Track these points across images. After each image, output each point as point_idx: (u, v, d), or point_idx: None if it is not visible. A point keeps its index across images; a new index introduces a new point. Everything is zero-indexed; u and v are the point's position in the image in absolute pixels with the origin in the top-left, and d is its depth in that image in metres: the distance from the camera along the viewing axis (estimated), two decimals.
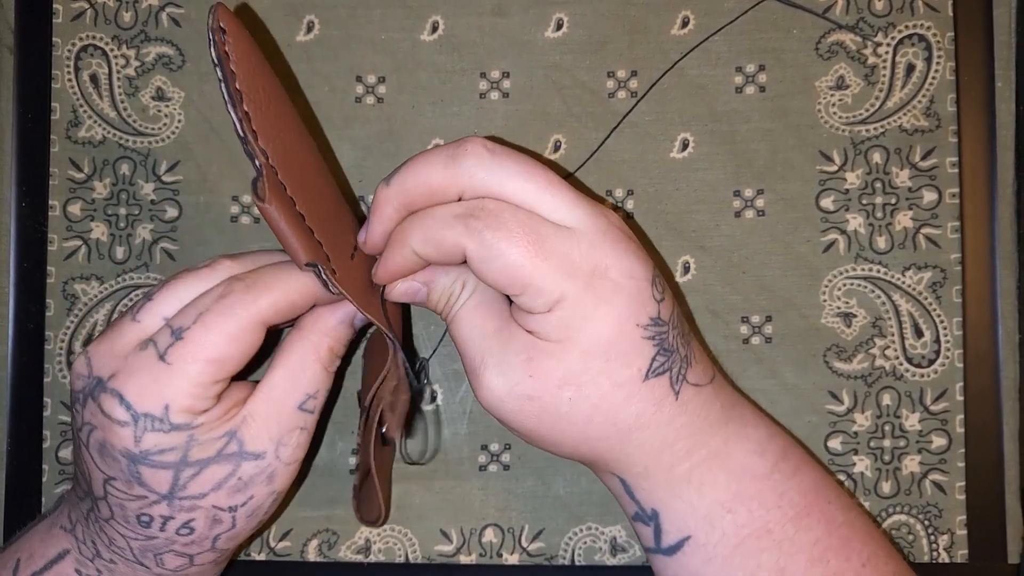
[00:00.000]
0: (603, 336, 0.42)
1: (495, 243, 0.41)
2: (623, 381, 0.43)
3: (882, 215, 0.56)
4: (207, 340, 0.42)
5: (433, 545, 0.56)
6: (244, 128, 0.40)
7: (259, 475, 0.44)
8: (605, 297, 0.42)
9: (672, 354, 0.44)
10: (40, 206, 0.57)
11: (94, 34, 0.58)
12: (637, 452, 0.45)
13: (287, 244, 0.42)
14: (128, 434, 0.42)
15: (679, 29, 0.56)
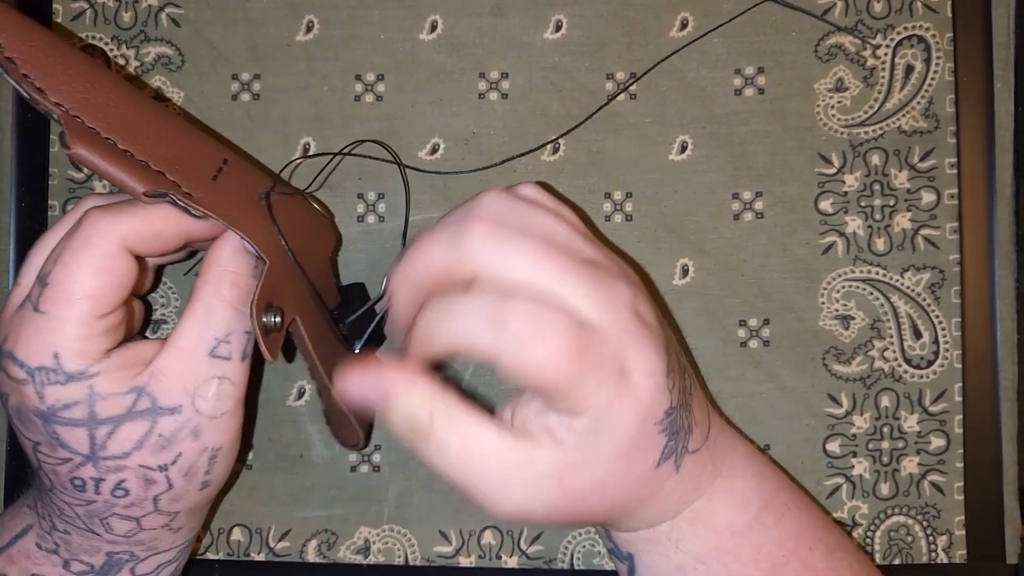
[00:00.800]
0: (626, 440, 0.41)
1: (532, 354, 0.39)
2: (639, 474, 0.43)
3: (881, 217, 0.56)
4: (71, 279, 0.41)
5: (432, 546, 0.56)
6: (27, 89, 0.41)
7: (180, 430, 0.43)
8: (630, 403, 0.41)
9: (678, 434, 0.43)
10: (40, 206, 0.57)
11: (94, 34, 0.58)
12: (630, 519, 0.46)
13: (115, 180, 0.41)
14: (31, 392, 0.41)
15: (678, 31, 0.56)
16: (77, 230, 0.42)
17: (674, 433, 0.43)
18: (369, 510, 0.56)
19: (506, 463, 0.41)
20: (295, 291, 0.47)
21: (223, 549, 0.56)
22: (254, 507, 0.56)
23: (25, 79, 0.41)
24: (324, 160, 0.56)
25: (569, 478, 0.41)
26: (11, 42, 0.41)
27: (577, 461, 0.41)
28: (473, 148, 0.56)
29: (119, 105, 0.44)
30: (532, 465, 0.41)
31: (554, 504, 0.42)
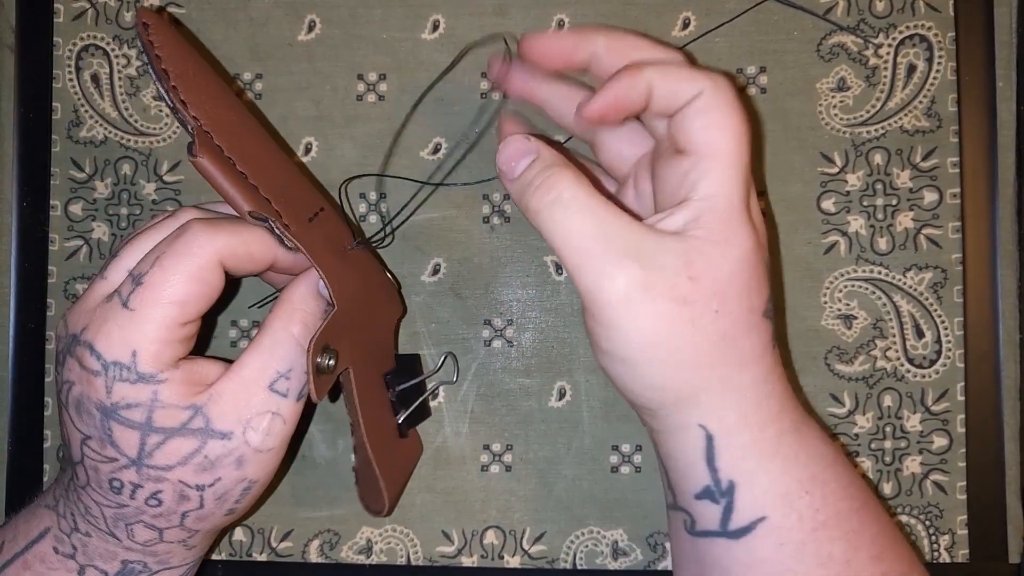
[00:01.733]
0: (750, 251, 0.43)
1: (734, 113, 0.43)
2: (753, 308, 0.43)
3: (883, 216, 0.56)
4: (166, 282, 0.42)
5: (435, 546, 0.56)
6: (172, 98, 0.43)
7: (226, 456, 0.44)
8: (748, 217, 0.43)
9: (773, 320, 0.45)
10: (41, 206, 0.57)
11: (95, 34, 0.58)
12: (739, 393, 0.43)
13: (226, 195, 0.44)
14: (100, 384, 0.42)
15: (680, 30, 0.56)
16: (179, 237, 0.43)
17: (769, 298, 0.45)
18: None
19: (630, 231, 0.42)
20: (355, 343, 0.48)
21: (225, 549, 0.56)
22: (256, 507, 0.56)
23: (174, 90, 0.43)
24: (329, 161, 0.56)
25: (698, 262, 0.42)
26: (168, 56, 0.44)
27: (707, 251, 0.42)
28: (475, 147, 0.56)
29: (246, 134, 0.47)
30: (658, 241, 0.42)
31: (679, 291, 0.42)
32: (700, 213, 0.43)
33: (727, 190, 0.43)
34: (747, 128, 0.43)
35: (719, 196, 0.43)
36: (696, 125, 0.43)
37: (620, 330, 0.42)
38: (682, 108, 0.43)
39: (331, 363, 0.45)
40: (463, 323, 0.56)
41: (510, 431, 0.56)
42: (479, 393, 0.56)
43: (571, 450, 0.56)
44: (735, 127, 0.43)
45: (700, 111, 0.43)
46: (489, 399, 0.56)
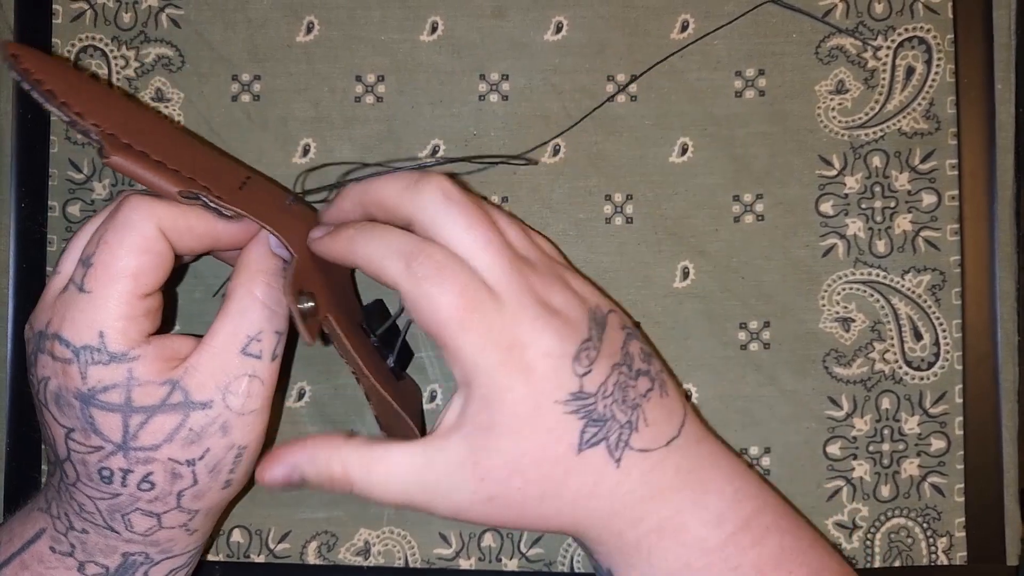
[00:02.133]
0: (522, 414, 0.43)
1: (429, 294, 0.43)
2: (559, 457, 0.44)
3: (881, 219, 0.56)
4: (114, 257, 0.43)
5: (432, 548, 0.56)
6: (67, 113, 0.44)
7: (210, 425, 0.44)
8: (518, 375, 0.43)
9: (606, 423, 0.44)
10: (39, 207, 0.57)
11: (94, 35, 0.57)
12: (588, 520, 0.46)
13: (150, 183, 0.44)
14: (75, 371, 0.42)
15: (679, 33, 0.56)
16: (117, 213, 0.44)
17: (596, 420, 0.44)
18: (369, 512, 0.56)
19: (424, 470, 0.44)
20: (325, 291, 0.48)
21: (223, 551, 0.56)
22: (254, 508, 0.56)
23: (64, 106, 0.44)
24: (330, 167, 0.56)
25: (482, 461, 0.44)
26: (48, 77, 0.44)
27: (482, 441, 0.44)
28: (473, 149, 0.56)
29: (150, 127, 0.48)
30: (446, 460, 0.44)
31: (481, 493, 0.44)
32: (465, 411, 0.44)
33: (470, 372, 0.43)
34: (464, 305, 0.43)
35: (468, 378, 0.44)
36: (414, 318, 0.44)
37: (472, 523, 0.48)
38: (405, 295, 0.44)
39: (311, 304, 0.45)
40: None
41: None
42: None
43: None
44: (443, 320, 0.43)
45: (409, 307, 0.44)
46: None
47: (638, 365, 0.46)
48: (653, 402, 0.46)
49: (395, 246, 0.44)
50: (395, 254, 0.44)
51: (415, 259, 0.43)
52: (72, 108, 0.44)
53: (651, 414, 0.46)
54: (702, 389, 0.56)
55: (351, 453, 0.45)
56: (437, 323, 0.43)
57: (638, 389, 0.46)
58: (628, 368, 0.46)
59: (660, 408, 0.46)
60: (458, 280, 0.43)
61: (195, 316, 0.57)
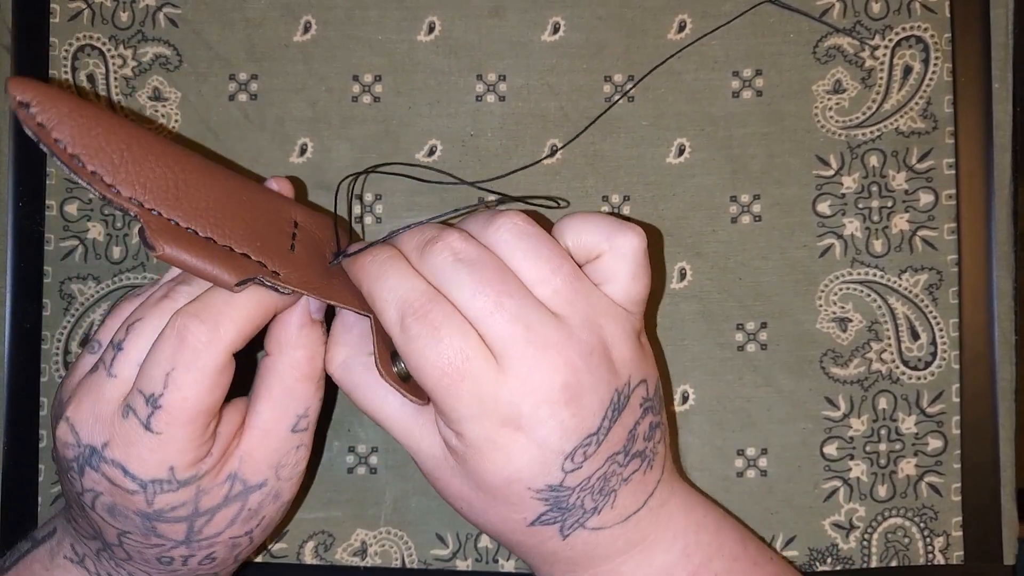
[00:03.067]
0: (492, 484, 0.43)
1: (417, 354, 0.41)
2: (507, 520, 0.44)
3: (879, 218, 0.56)
4: (184, 400, 0.41)
5: (430, 549, 0.56)
6: (98, 188, 0.38)
7: (266, 499, 0.45)
8: (502, 454, 0.42)
9: (571, 510, 0.44)
10: (37, 206, 0.57)
11: (91, 34, 0.57)
12: (519, 552, 0.47)
13: (208, 276, 0.40)
14: (140, 499, 0.42)
15: (676, 33, 0.56)
16: (184, 346, 0.41)
17: (561, 508, 0.43)
18: (366, 512, 0.56)
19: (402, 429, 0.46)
20: None
21: None
22: None
23: (95, 176, 0.38)
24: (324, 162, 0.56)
25: (441, 470, 0.45)
26: (70, 133, 0.38)
27: (449, 462, 0.44)
28: (471, 150, 0.56)
29: (192, 185, 0.42)
30: (419, 441, 0.45)
31: (430, 467, 0.45)
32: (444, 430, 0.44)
33: (457, 428, 0.42)
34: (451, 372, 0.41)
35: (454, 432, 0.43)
36: (415, 373, 0.43)
37: None
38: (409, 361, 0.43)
39: (403, 365, 0.44)
40: None
41: None
42: None
43: None
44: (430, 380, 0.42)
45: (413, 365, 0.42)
46: None
47: (637, 447, 0.45)
48: (632, 483, 0.45)
49: (397, 294, 0.42)
50: (395, 303, 0.42)
51: (411, 315, 0.42)
52: (103, 179, 0.38)
53: (622, 497, 0.45)
54: (699, 390, 0.56)
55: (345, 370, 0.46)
56: (428, 384, 0.42)
57: (623, 473, 0.44)
58: (624, 454, 0.44)
59: (635, 488, 0.45)
60: (451, 345, 0.41)
61: None
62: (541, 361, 0.41)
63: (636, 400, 0.44)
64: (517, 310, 0.42)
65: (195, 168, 0.43)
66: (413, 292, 0.42)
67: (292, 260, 0.44)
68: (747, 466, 0.55)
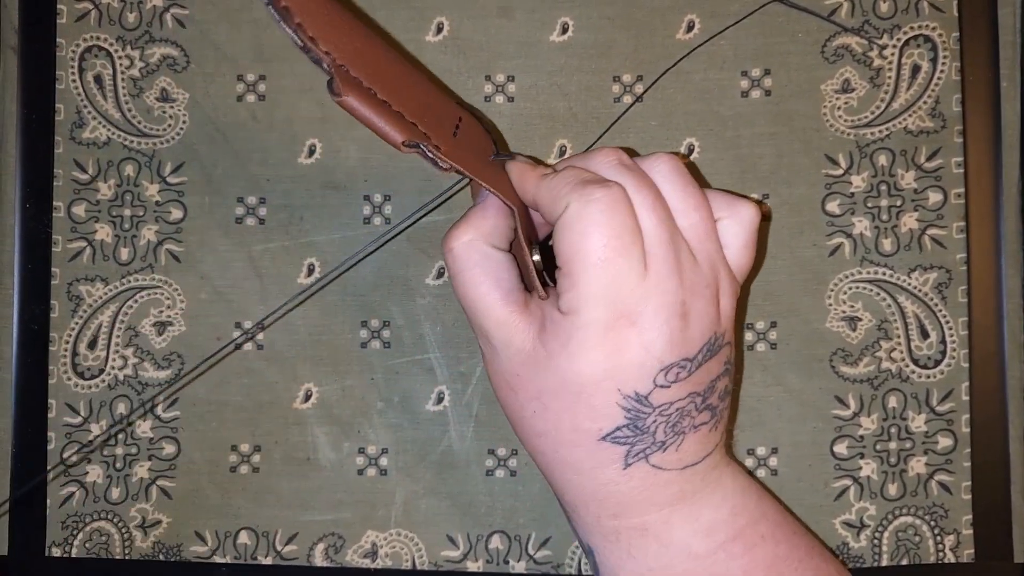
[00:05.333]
0: (584, 375, 0.42)
1: (590, 217, 0.41)
2: (579, 429, 0.43)
3: (888, 217, 0.56)
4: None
5: (440, 551, 0.56)
6: (301, 37, 0.42)
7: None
8: (610, 344, 0.42)
9: (643, 435, 0.43)
10: (44, 207, 0.57)
11: (98, 35, 0.57)
12: (568, 486, 0.46)
13: (377, 128, 0.43)
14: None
15: (684, 33, 0.56)
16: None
17: (636, 427, 0.43)
18: (376, 514, 0.56)
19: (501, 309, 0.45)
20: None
21: (230, 553, 0.56)
22: (261, 510, 0.56)
23: (300, 27, 0.42)
24: (333, 163, 0.56)
25: (528, 364, 0.44)
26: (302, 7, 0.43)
27: (539, 358, 0.44)
28: None
29: (378, 56, 0.46)
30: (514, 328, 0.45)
31: (507, 378, 0.45)
32: (552, 319, 0.43)
33: (576, 311, 0.42)
34: (619, 244, 0.41)
35: (569, 315, 0.42)
36: (559, 239, 0.43)
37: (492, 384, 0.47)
38: (556, 221, 0.43)
39: (538, 258, 0.46)
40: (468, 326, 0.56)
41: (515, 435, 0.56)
42: (484, 397, 0.56)
43: None
44: (591, 246, 0.41)
45: (563, 226, 0.42)
46: (494, 402, 0.56)
47: (712, 400, 0.45)
48: (699, 434, 0.45)
49: (581, 175, 0.43)
50: (577, 178, 0.43)
51: (594, 184, 0.42)
52: (307, 31, 0.42)
53: (687, 444, 0.45)
54: None
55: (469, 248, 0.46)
56: (579, 248, 0.42)
57: (695, 420, 0.45)
58: (702, 400, 0.44)
59: (699, 441, 0.45)
60: (624, 223, 0.42)
61: (200, 317, 0.57)
62: (673, 272, 0.42)
63: (723, 355, 0.45)
64: (666, 216, 0.43)
65: (384, 48, 0.47)
66: (590, 175, 0.43)
67: (454, 143, 0.46)
68: (757, 465, 0.55)
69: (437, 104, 0.48)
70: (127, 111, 0.57)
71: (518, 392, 0.45)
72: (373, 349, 0.56)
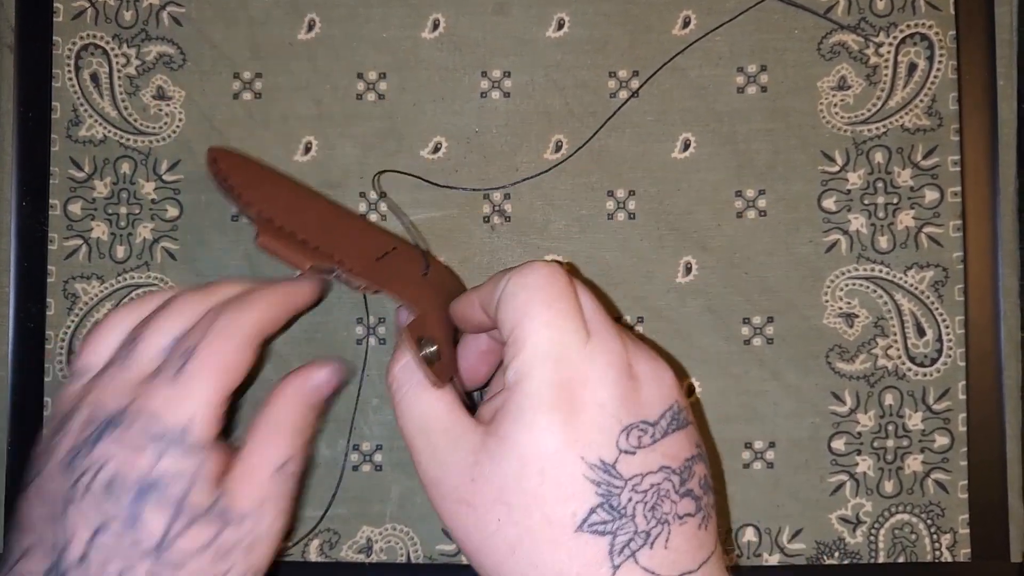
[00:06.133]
0: (543, 445, 0.40)
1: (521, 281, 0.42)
2: (553, 520, 0.39)
3: (884, 215, 0.56)
4: (220, 350, 0.44)
5: (435, 544, 0.56)
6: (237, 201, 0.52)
7: (240, 543, 0.44)
8: (564, 406, 0.40)
9: (621, 519, 0.39)
10: (40, 205, 0.57)
11: (95, 33, 0.57)
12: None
13: (287, 259, 0.49)
14: (146, 456, 0.42)
15: (680, 29, 0.56)
16: (219, 315, 0.45)
17: (612, 507, 0.39)
18: (371, 509, 0.56)
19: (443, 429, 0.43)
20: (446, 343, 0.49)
21: None
22: None
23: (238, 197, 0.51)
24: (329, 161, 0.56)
25: (482, 464, 0.41)
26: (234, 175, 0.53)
27: (491, 445, 0.41)
28: (475, 147, 0.56)
29: (305, 209, 0.54)
30: (459, 437, 0.43)
31: (460, 493, 0.42)
32: (502, 403, 0.42)
33: (525, 377, 0.41)
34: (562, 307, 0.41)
35: (518, 385, 0.41)
36: (502, 311, 0.43)
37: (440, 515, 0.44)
38: (498, 299, 0.43)
39: (433, 349, 0.46)
40: None
41: None
42: (480, 392, 0.56)
43: None
44: (535, 309, 0.41)
45: (506, 296, 0.42)
46: None
47: (691, 486, 0.42)
48: (685, 529, 0.41)
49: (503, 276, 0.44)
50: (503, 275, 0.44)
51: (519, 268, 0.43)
52: (242, 198, 0.51)
53: (676, 539, 0.40)
54: (706, 384, 0.56)
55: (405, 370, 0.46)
56: (524, 311, 0.41)
57: (677, 509, 0.41)
58: (680, 482, 0.41)
59: (690, 539, 0.41)
60: (565, 288, 0.42)
61: None
62: (615, 336, 0.42)
63: (691, 434, 0.43)
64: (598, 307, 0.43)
65: (310, 199, 0.55)
66: None
67: (374, 265, 0.51)
68: (754, 458, 0.55)
69: (364, 239, 0.53)
70: (123, 109, 0.57)
71: (476, 504, 0.41)
72: (368, 346, 0.56)
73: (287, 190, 0.55)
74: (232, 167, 0.53)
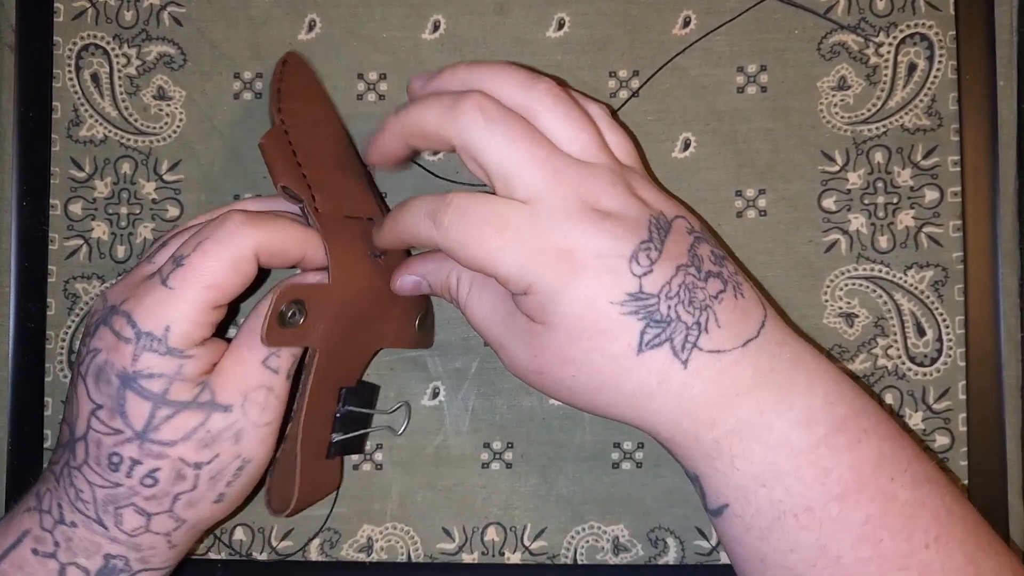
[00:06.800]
0: (575, 315, 0.43)
1: (457, 239, 0.44)
2: (616, 355, 0.43)
3: (884, 215, 0.56)
4: (206, 266, 0.45)
5: (435, 543, 0.56)
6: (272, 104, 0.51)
7: (226, 431, 0.46)
8: (569, 278, 0.42)
9: (670, 324, 0.43)
10: (41, 205, 0.57)
11: (95, 33, 0.58)
12: (653, 419, 0.44)
13: (271, 168, 0.49)
14: (128, 351, 0.44)
15: (681, 29, 0.56)
16: (221, 225, 0.46)
17: (658, 322, 0.43)
18: (372, 508, 0.56)
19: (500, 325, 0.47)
20: (333, 333, 0.49)
21: (225, 549, 0.56)
22: (256, 506, 0.56)
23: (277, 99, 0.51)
24: None
25: (534, 342, 0.45)
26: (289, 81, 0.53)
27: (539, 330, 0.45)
28: None
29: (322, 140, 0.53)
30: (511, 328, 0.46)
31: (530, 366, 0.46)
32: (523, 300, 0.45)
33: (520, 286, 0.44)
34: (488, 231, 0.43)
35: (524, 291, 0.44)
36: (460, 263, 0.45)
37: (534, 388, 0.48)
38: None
39: (295, 318, 0.47)
40: (464, 322, 0.56)
41: (511, 429, 0.56)
42: (480, 392, 0.56)
43: (572, 447, 0.56)
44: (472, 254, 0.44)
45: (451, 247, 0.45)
46: (490, 397, 0.56)
47: (708, 267, 0.44)
48: (726, 304, 0.44)
49: (421, 210, 0.45)
50: (423, 216, 0.45)
51: (439, 212, 0.44)
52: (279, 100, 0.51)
53: (724, 316, 0.44)
54: None
55: (463, 274, 0.48)
56: (474, 260, 0.44)
57: (708, 291, 0.44)
58: (696, 270, 0.44)
59: (734, 310, 0.44)
60: (481, 212, 0.43)
61: None
62: (567, 192, 0.43)
63: (680, 227, 0.45)
64: (544, 154, 0.44)
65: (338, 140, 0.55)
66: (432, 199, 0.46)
67: (340, 220, 0.50)
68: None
69: (353, 193, 0.53)
70: (124, 109, 0.57)
71: (546, 371, 0.45)
72: None
73: (322, 122, 0.54)
74: (293, 73, 0.53)
